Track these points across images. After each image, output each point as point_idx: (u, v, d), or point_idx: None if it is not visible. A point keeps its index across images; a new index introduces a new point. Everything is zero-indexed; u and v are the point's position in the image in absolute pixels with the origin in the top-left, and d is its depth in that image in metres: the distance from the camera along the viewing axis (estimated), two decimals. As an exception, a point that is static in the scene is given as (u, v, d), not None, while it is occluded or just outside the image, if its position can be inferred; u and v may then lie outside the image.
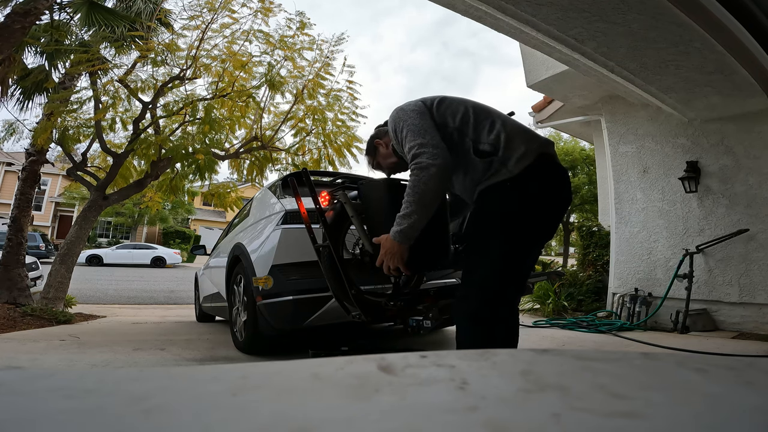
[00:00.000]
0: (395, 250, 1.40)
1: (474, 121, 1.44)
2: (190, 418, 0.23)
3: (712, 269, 3.87)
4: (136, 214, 23.12)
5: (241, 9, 5.19)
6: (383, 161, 1.75)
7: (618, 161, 4.57)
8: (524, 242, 1.38)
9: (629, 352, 0.37)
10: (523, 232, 1.36)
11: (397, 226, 1.38)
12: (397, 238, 1.38)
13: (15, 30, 3.95)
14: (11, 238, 5.04)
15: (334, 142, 5.86)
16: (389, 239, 1.41)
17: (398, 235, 1.37)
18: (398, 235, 1.37)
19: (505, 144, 1.36)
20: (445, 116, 1.45)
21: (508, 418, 0.23)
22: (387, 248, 1.42)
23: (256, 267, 2.40)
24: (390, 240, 1.40)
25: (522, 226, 1.36)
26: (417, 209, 1.34)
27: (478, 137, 1.40)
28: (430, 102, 1.50)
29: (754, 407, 0.25)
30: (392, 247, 1.40)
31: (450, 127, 1.43)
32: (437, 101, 1.50)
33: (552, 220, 1.42)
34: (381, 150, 1.73)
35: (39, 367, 2.14)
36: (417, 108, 1.46)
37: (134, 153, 5.41)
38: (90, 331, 3.83)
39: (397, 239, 1.38)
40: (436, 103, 1.49)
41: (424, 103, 1.49)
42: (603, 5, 2.34)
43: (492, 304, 1.35)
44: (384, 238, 1.44)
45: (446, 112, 1.46)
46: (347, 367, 0.31)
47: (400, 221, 1.37)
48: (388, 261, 1.43)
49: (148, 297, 8.80)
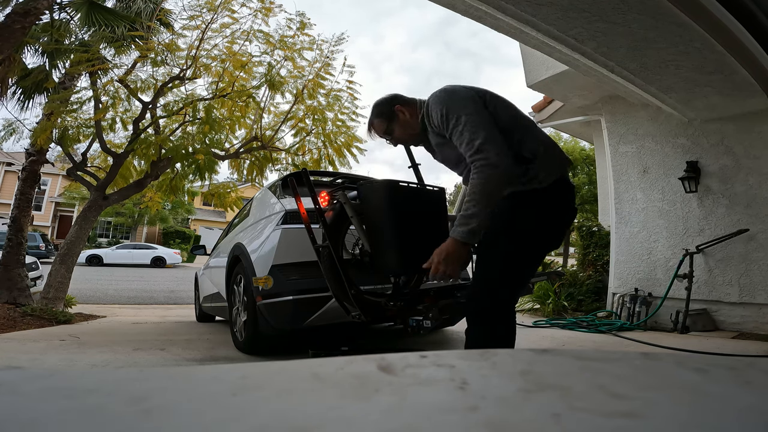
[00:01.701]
0: (460, 252, 1.32)
1: (521, 126, 1.44)
2: (190, 418, 0.23)
3: (712, 269, 3.87)
4: (136, 214, 23.12)
5: (241, 9, 5.19)
6: (401, 130, 1.59)
7: (618, 161, 4.57)
8: (542, 249, 1.45)
9: (629, 352, 0.37)
10: (543, 240, 1.42)
11: (463, 226, 1.30)
12: (466, 238, 1.30)
13: (15, 30, 3.95)
14: (11, 238, 5.04)
15: (334, 142, 5.86)
16: (453, 242, 1.32)
17: (467, 234, 1.29)
18: (467, 234, 1.29)
19: (543, 155, 1.40)
20: (497, 113, 1.42)
21: (508, 418, 0.23)
22: (449, 251, 1.32)
23: (256, 267, 2.40)
24: (454, 242, 1.31)
25: (543, 234, 1.41)
26: (484, 208, 1.28)
27: (522, 142, 1.40)
28: (482, 93, 1.45)
29: (754, 407, 0.25)
30: (456, 249, 1.31)
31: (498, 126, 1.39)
32: (489, 95, 1.46)
33: (562, 231, 1.49)
34: (401, 117, 1.57)
35: (39, 367, 2.14)
36: (472, 97, 1.40)
37: (134, 153, 5.41)
38: (90, 331, 3.83)
39: (466, 238, 1.30)
40: (488, 96, 1.45)
41: (477, 94, 1.43)
42: (603, 5, 2.34)
43: (502, 305, 1.38)
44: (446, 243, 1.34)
45: (497, 110, 1.43)
46: (347, 367, 0.31)
47: (466, 221, 1.29)
48: (448, 265, 1.33)
49: (148, 297, 8.80)
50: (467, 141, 1.32)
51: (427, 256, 1.38)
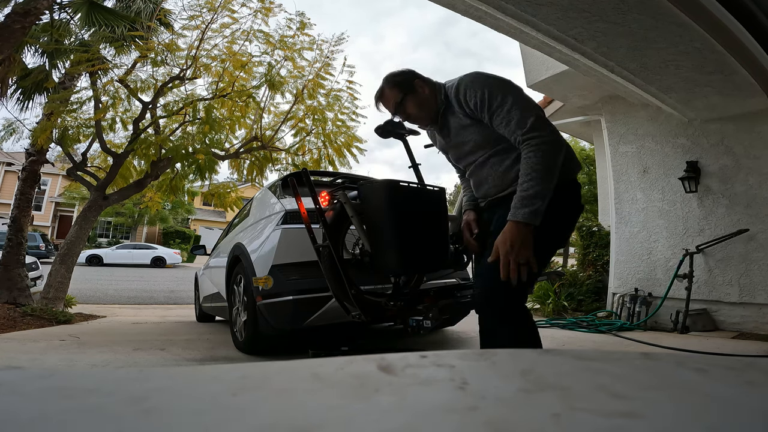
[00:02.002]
0: (525, 235, 1.19)
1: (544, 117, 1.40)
2: (190, 418, 0.23)
3: (712, 269, 3.87)
4: (136, 214, 23.12)
5: (241, 9, 5.19)
6: (416, 107, 1.46)
7: (618, 161, 4.57)
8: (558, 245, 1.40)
9: (629, 352, 0.37)
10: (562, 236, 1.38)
11: (526, 207, 1.19)
12: (530, 218, 1.18)
13: (15, 30, 3.95)
14: (11, 238, 5.04)
15: (334, 142, 5.86)
16: (514, 226, 1.20)
17: (531, 215, 1.18)
18: (531, 215, 1.18)
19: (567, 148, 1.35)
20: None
21: (508, 418, 0.23)
22: (513, 237, 1.19)
23: (256, 267, 2.40)
24: (516, 226, 1.19)
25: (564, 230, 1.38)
26: (547, 185, 1.20)
27: None
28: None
29: (754, 407, 0.25)
30: (521, 232, 1.18)
31: None
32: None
33: (573, 228, 1.48)
34: (420, 92, 1.45)
35: (39, 367, 2.14)
36: (511, 81, 1.35)
37: (134, 153, 5.41)
38: (90, 331, 3.83)
39: (530, 219, 1.18)
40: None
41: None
42: (603, 5, 2.34)
43: (520, 302, 1.30)
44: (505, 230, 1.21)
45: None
46: (347, 367, 0.31)
47: (530, 201, 1.19)
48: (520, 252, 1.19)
49: (148, 297, 8.80)
50: (518, 120, 1.24)
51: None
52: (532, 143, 1.22)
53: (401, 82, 1.47)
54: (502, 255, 1.20)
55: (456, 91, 1.37)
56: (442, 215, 2.08)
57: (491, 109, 1.29)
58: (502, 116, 1.27)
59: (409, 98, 1.45)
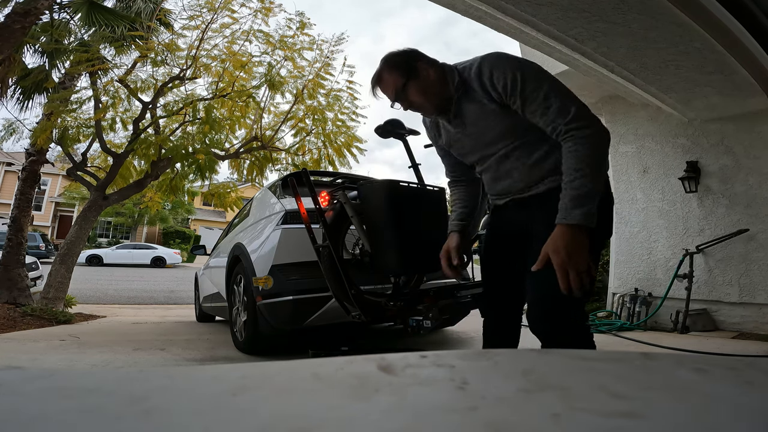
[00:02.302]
0: (581, 240, 1.03)
1: None
2: (190, 419, 0.23)
3: (712, 269, 3.87)
4: (136, 214, 23.12)
5: (241, 9, 5.20)
6: (419, 94, 1.24)
7: (618, 161, 4.57)
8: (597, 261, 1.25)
9: (629, 352, 0.37)
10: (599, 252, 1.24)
11: (580, 207, 1.03)
12: (585, 220, 1.02)
13: (15, 30, 3.95)
14: (11, 238, 5.04)
15: (334, 142, 5.86)
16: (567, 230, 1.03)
17: (584, 217, 1.02)
18: (584, 217, 1.02)
19: None
20: None
21: (508, 418, 0.23)
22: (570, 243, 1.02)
23: (256, 267, 2.40)
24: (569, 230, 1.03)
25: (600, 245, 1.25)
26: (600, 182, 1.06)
27: None
28: None
29: (754, 407, 0.25)
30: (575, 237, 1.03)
31: None
32: None
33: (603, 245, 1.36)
34: (425, 76, 1.23)
35: (39, 367, 2.13)
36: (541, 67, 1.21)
37: (134, 153, 5.41)
38: (90, 331, 3.83)
39: (584, 221, 1.02)
40: None
41: None
42: (603, 5, 2.34)
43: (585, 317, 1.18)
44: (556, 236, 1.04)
45: None
46: (347, 367, 0.31)
47: (582, 200, 1.03)
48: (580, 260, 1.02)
49: (148, 297, 8.80)
50: (559, 107, 1.09)
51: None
52: (578, 134, 1.07)
53: (402, 64, 1.25)
54: (559, 265, 1.02)
55: (478, 72, 1.18)
56: (442, 215, 2.08)
57: (524, 93, 1.12)
58: (538, 102, 1.11)
59: (412, 84, 1.23)
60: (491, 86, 1.16)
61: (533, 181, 1.20)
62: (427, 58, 1.28)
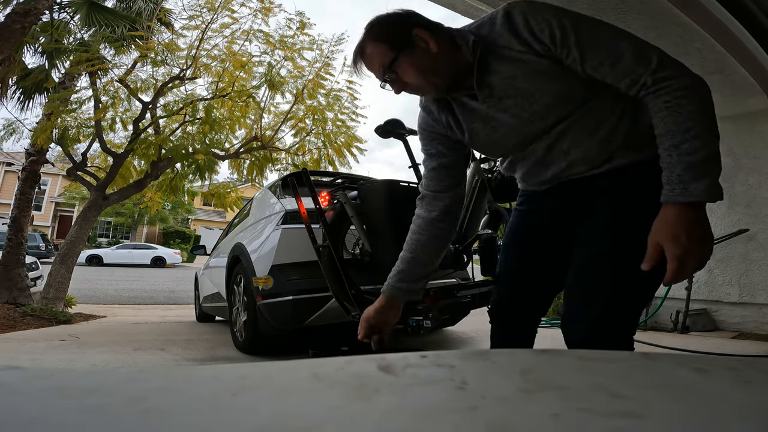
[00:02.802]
0: (703, 220, 0.78)
1: None
2: (190, 418, 0.23)
3: (712, 269, 3.87)
4: (136, 214, 23.13)
5: (241, 9, 5.20)
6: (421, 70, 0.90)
7: (618, 161, 4.58)
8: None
9: (629, 352, 0.37)
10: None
11: (703, 178, 0.75)
12: (711, 194, 0.75)
13: (15, 30, 3.95)
14: (11, 238, 5.04)
15: (334, 142, 5.87)
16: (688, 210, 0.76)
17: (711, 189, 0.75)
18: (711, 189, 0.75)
19: None
20: None
21: (508, 418, 0.23)
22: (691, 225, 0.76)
23: (256, 267, 2.40)
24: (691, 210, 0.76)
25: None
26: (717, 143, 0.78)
27: None
28: None
29: (754, 407, 0.25)
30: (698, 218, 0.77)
31: None
32: None
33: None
34: (423, 46, 0.89)
35: (39, 367, 2.13)
36: None
37: (134, 153, 5.41)
38: (90, 331, 3.83)
39: (711, 195, 0.76)
40: None
41: None
42: (603, 5, 2.34)
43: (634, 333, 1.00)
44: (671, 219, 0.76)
45: None
46: (347, 367, 0.31)
47: (704, 168, 0.75)
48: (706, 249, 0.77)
49: (148, 297, 8.80)
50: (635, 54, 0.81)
51: None
52: (676, 84, 0.80)
53: (392, 33, 0.90)
54: (678, 257, 0.75)
55: (507, 22, 0.85)
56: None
57: (580, 40, 0.81)
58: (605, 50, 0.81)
59: (404, 59, 0.89)
60: (532, 37, 0.84)
61: (602, 158, 0.91)
62: (427, 22, 0.92)
